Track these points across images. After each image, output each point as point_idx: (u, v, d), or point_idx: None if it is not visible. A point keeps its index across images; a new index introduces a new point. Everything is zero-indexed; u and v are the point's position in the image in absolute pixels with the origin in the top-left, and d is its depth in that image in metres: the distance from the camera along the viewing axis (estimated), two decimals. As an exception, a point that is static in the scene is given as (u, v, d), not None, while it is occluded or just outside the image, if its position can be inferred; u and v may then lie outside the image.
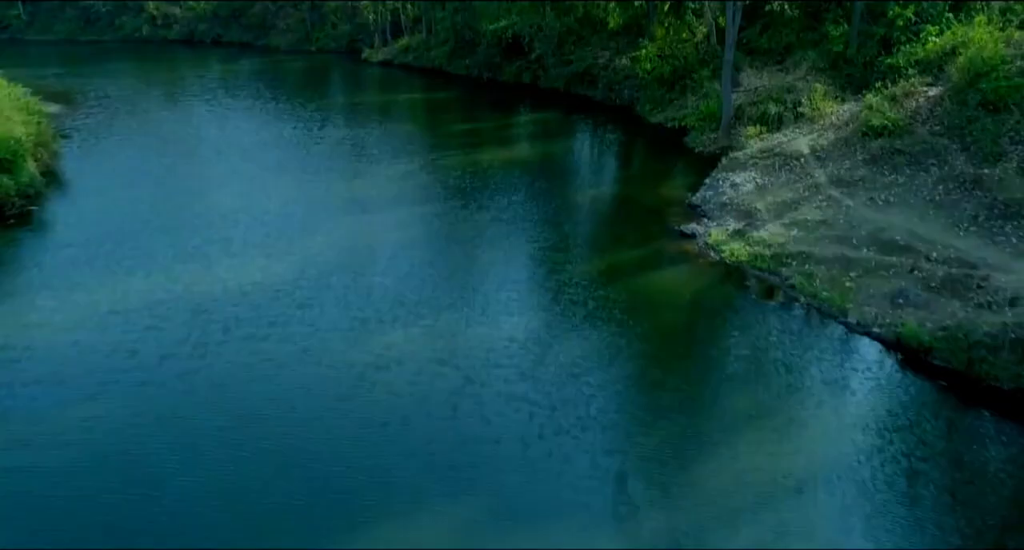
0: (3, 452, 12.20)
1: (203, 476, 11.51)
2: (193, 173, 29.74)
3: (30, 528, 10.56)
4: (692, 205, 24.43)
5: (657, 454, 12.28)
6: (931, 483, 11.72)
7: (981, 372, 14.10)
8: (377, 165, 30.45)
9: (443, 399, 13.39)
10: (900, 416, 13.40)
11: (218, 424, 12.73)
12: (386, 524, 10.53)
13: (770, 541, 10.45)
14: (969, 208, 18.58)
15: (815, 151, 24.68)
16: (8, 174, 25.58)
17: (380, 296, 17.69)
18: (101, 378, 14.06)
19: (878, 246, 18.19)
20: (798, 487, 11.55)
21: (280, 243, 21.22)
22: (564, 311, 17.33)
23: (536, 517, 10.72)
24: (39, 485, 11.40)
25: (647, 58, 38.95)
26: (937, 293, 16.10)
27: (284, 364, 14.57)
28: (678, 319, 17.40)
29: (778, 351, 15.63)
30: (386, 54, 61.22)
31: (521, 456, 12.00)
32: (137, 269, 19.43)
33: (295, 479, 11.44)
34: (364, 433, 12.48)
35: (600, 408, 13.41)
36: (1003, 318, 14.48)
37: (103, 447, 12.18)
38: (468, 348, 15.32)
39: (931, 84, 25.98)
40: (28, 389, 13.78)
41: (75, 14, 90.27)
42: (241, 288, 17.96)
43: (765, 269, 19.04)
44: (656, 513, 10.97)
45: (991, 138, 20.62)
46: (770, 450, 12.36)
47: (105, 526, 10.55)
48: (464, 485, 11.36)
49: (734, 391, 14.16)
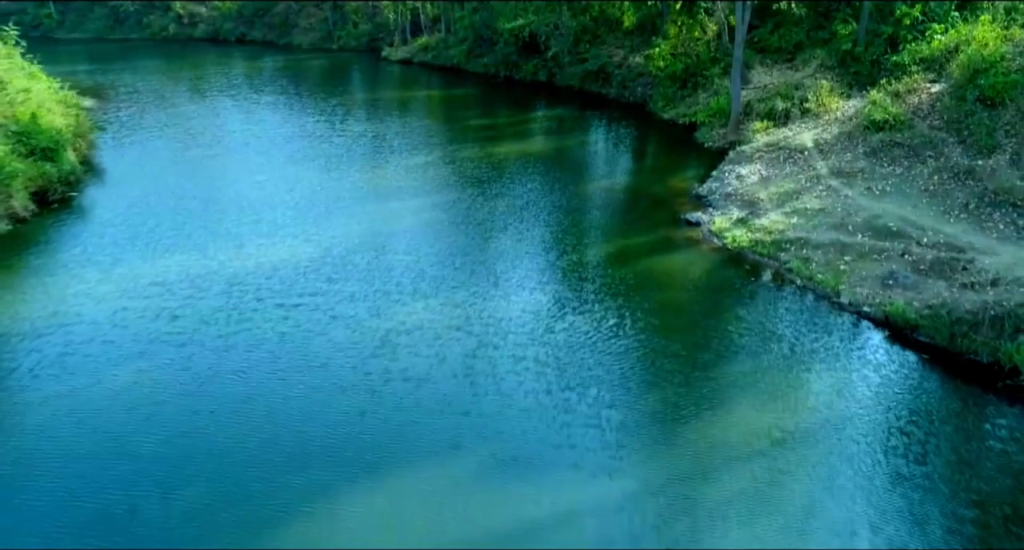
0: (67, 399, 13.61)
1: (240, 425, 12.78)
2: (222, 162, 31.20)
3: (92, 463, 11.87)
4: (699, 196, 25.43)
5: (657, 410, 13.39)
6: (908, 438, 12.68)
7: (962, 347, 15.04)
8: (397, 156, 31.74)
9: (459, 359, 14.65)
10: (883, 384, 14.37)
11: (254, 380, 14.05)
12: (406, 466, 11.75)
13: (759, 485, 11.48)
14: (961, 197, 19.46)
15: (818, 144, 25.59)
16: (51, 162, 27.15)
17: (401, 272, 18.98)
18: (146, 339, 15.47)
19: (872, 232, 19.12)
20: (787, 440, 12.56)
21: (307, 225, 22.57)
22: (574, 287, 18.52)
23: (540, 462, 11.87)
24: (98, 428, 12.76)
25: (660, 56, 39.92)
26: (925, 275, 17.03)
27: (314, 329, 15.91)
28: (680, 297, 18.45)
29: (773, 327, 16.64)
30: (405, 52, 62.67)
31: (529, 408, 13.20)
32: (174, 247, 20.85)
33: (324, 427, 12.71)
34: (387, 387, 13.76)
35: (605, 370, 14.58)
36: (984, 297, 15.40)
37: (150, 398, 13.52)
38: (483, 317, 16.55)
39: (934, 81, 26.80)
40: (83, 348, 15.21)
41: (104, 13, 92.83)
42: (272, 264, 19.33)
43: (765, 254, 20.04)
44: (654, 461, 12.07)
45: (987, 131, 21.45)
46: (762, 410, 13.40)
47: (152, 464, 11.83)
48: (476, 432, 12.58)
49: (730, 360, 15.20)
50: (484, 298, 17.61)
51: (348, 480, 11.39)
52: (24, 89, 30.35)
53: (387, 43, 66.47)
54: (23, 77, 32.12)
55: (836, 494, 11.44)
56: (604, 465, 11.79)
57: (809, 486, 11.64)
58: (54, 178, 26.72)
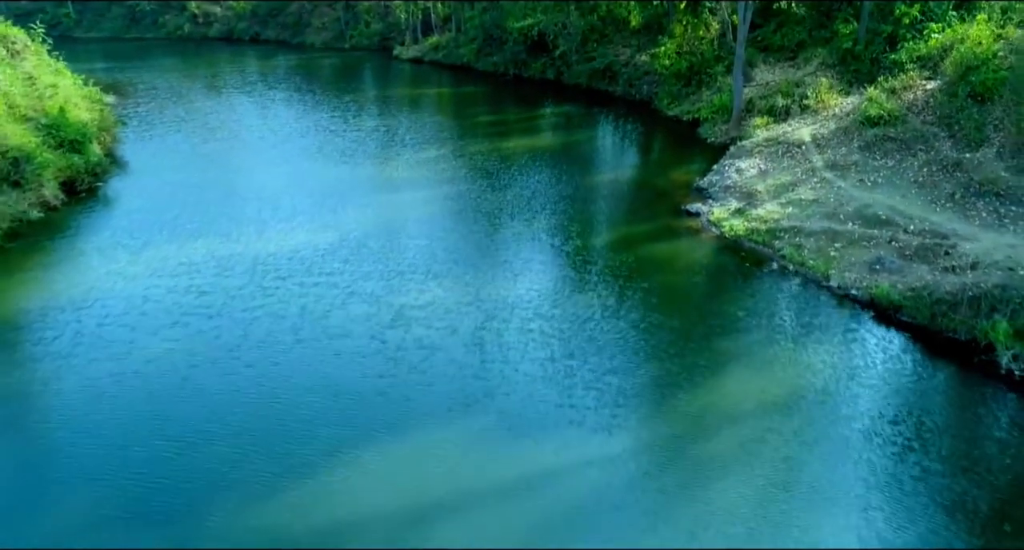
0: (108, 363, 14.80)
1: (268, 386, 13.91)
2: (239, 155, 32.37)
3: (135, 418, 12.98)
4: (699, 188, 26.37)
5: (654, 376, 14.43)
6: (886, 405, 13.60)
7: (942, 326, 15.94)
8: (409, 150, 32.83)
9: (469, 330, 15.79)
10: (866, 360, 15.30)
11: (279, 347, 15.26)
12: (421, 422, 12.84)
13: (746, 443, 12.43)
14: (948, 187, 20.34)
15: (816, 139, 26.48)
16: (78, 154, 28.40)
17: (414, 255, 20.10)
18: (178, 312, 16.69)
19: (862, 220, 20.03)
20: (774, 405, 13.51)
21: (323, 213, 23.71)
22: (578, 269, 19.60)
23: (545, 420, 12.94)
24: (138, 386, 13.95)
25: (665, 55, 40.83)
26: (910, 260, 17.93)
27: (333, 303, 17.07)
28: (678, 280, 19.42)
29: (765, 307, 17.60)
30: (417, 51, 63.83)
31: (534, 373, 14.31)
32: (198, 232, 22.01)
33: (346, 387, 13.84)
34: (403, 353, 14.91)
35: (606, 341, 15.64)
36: (964, 279, 16.29)
37: (185, 362, 14.73)
38: (492, 295, 17.67)
39: (929, 78, 27.60)
40: (119, 319, 16.41)
41: (121, 12, 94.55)
42: (291, 247, 20.48)
43: (760, 242, 20.98)
44: (650, 420, 13.08)
45: (976, 126, 22.30)
46: (752, 379, 14.38)
47: (189, 420, 12.93)
48: (485, 393, 13.70)
49: (724, 335, 16.17)
50: (493, 278, 18.73)
51: (369, 435, 12.50)
52: (52, 85, 31.66)
53: (398, 42, 67.64)
54: (50, 73, 33.41)
55: (817, 452, 12.39)
56: (603, 423, 12.83)
57: (793, 445, 12.59)
58: (81, 169, 27.96)
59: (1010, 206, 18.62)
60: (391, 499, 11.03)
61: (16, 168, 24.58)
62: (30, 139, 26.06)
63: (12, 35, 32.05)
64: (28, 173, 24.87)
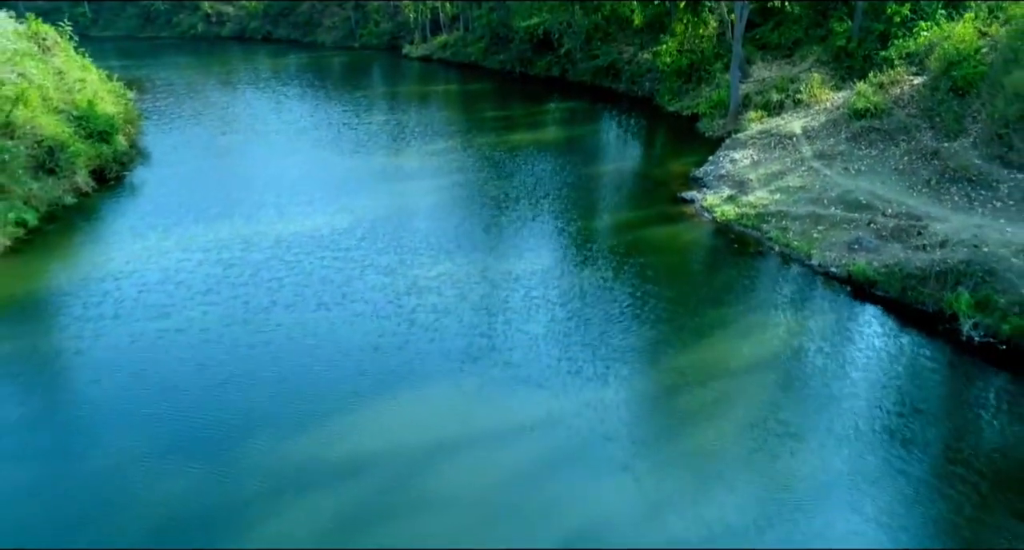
0: (149, 323, 16.41)
1: (295, 342, 15.50)
2: (256, 146, 33.90)
3: (178, 372, 14.47)
4: (695, 178, 27.73)
5: (645, 338, 15.91)
6: (857, 365, 14.96)
7: (911, 298, 17.28)
8: (418, 142, 34.31)
9: (478, 297, 17.42)
10: (841, 327, 16.66)
11: (304, 310, 16.91)
12: (434, 374, 14.39)
13: (727, 395, 13.80)
14: (925, 174, 21.64)
15: (806, 131, 27.81)
16: (106, 144, 30.00)
17: (424, 236, 21.61)
18: (210, 281, 18.35)
19: (844, 205, 21.36)
20: (755, 364, 14.90)
21: (339, 197, 25.28)
22: (579, 248, 21.11)
23: (544, 372, 14.45)
24: (178, 342, 15.55)
25: (667, 52, 42.15)
26: (886, 240, 19.26)
27: (352, 274, 18.71)
28: (671, 259, 20.80)
29: (750, 283, 18.98)
30: (425, 50, 65.32)
31: (536, 333, 15.91)
32: (222, 214, 23.57)
33: (365, 343, 15.43)
34: (417, 315, 16.56)
35: (602, 308, 17.17)
36: (933, 256, 17.62)
37: (219, 323, 16.38)
38: (499, 268, 19.29)
39: (916, 74, 28.87)
40: (156, 287, 18.04)
41: (136, 12, 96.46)
42: (310, 227, 22.07)
43: (749, 225, 22.34)
44: (640, 375, 14.51)
45: (955, 118, 23.57)
46: (736, 342, 15.78)
47: (225, 372, 14.41)
48: (491, 348, 15.36)
49: (711, 306, 17.57)
50: (500, 254, 20.32)
51: (388, 382, 14.07)
52: (80, 79, 33.29)
53: (407, 41, 69.13)
54: (77, 69, 35.03)
55: (793, 402, 13.77)
56: (599, 374, 14.36)
57: (771, 396, 13.97)
58: (110, 158, 29.55)
59: (980, 190, 19.91)
60: (407, 436, 12.49)
61: (51, 157, 26.15)
62: (63, 130, 27.66)
63: (43, 32, 33.65)
64: (62, 161, 26.44)
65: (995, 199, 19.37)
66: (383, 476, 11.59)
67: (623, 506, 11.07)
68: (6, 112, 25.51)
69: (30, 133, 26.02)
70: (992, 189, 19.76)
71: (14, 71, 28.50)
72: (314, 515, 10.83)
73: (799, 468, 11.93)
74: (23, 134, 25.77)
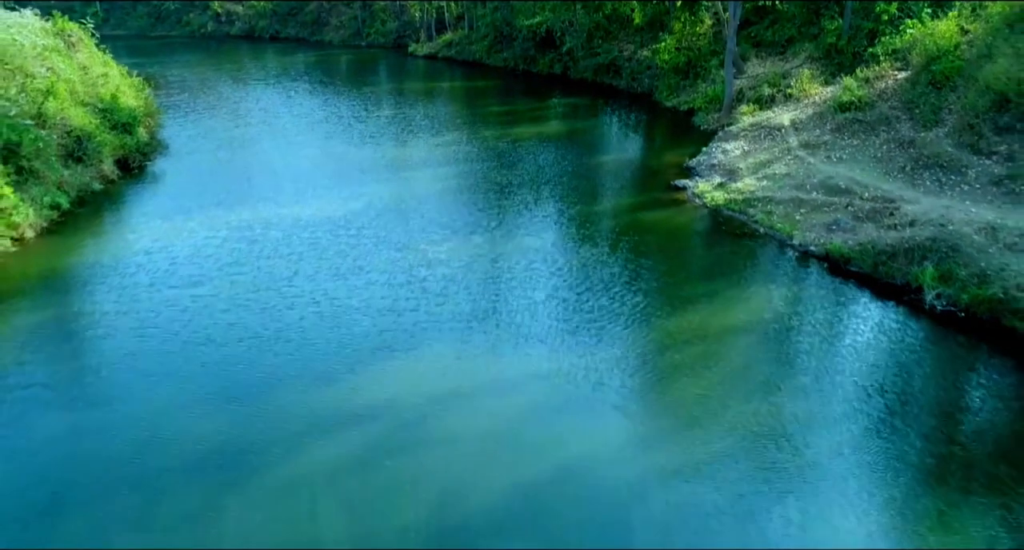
0: (181, 289, 18.01)
1: (316, 307, 17.05)
2: (270, 138, 35.44)
3: (209, 336, 15.94)
4: (688, 167, 29.18)
5: (634, 306, 17.36)
6: (831, 331, 16.41)
7: (882, 273, 18.71)
8: (425, 135, 35.83)
9: (483, 270, 19.10)
10: (816, 298, 18.11)
11: (323, 280, 18.51)
12: (443, 334, 15.96)
13: (709, 355, 15.24)
14: (901, 161, 23.05)
15: (794, 123, 29.24)
16: (129, 135, 31.58)
17: (432, 219, 23.14)
18: (236, 255, 19.98)
19: (825, 190, 22.79)
20: (737, 329, 16.34)
21: (352, 184, 26.87)
22: (577, 229, 22.67)
23: (541, 332, 16.01)
24: (208, 306, 17.09)
25: (666, 50, 43.64)
26: (862, 221, 20.69)
27: (366, 250, 20.36)
28: (662, 239, 22.25)
29: (735, 260, 20.43)
30: (431, 48, 66.86)
31: (535, 300, 17.55)
32: (243, 199, 25.13)
33: (381, 309, 17.03)
34: (427, 284, 18.23)
35: (597, 280, 18.69)
36: (903, 234, 19.05)
37: (247, 290, 17.97)
38: (502, 245, 20.92)
39: (900, 69, 30.29)
40: (185, 261, 19.62)
41: (146, 11, 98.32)
42: (326, 210, 23.65)
43: (736, 209, 23.78)
44: (628, 337, 15.95)
45: (932, 109, 24.98)
46: (718, 310, 17.24)
47: (252, 335, 15.90)
48: (494, 312, 16.93)
49: (698, 280, 19.07)
50: (504, 234, 21.96)
51: (401, 340, 15.64)
52: (103, 74, 34.88)
53: (413, 40, 70.68)
54: (100, 64, 36.61)
55: (767, 358, 15.20)
56: (592, 335, 15.87)
57: (748, 354, 15.43)
58: (132, 148, 31.10)
59: (950, 175, 21.32)
60: (420, 384, 13.99)
61: (80, 146, 27.72)
62: (90, 121, 29.22)
63: (68, 29, 35.24)
64: (90, 150, 28.00)
65: (963, 183, 20.79)
66: (399, 418, 13.08)
67: (612, 439, 12.55)
68: (38, 104, 27.06)
69: (60, 123, 27.57)
70: (961, 174, 21.17)
71: (43, 65, 30.07)
72: (336, 450, 12.31)
73: (768, 409, 13.38)
74: (53, 124, 27.31)
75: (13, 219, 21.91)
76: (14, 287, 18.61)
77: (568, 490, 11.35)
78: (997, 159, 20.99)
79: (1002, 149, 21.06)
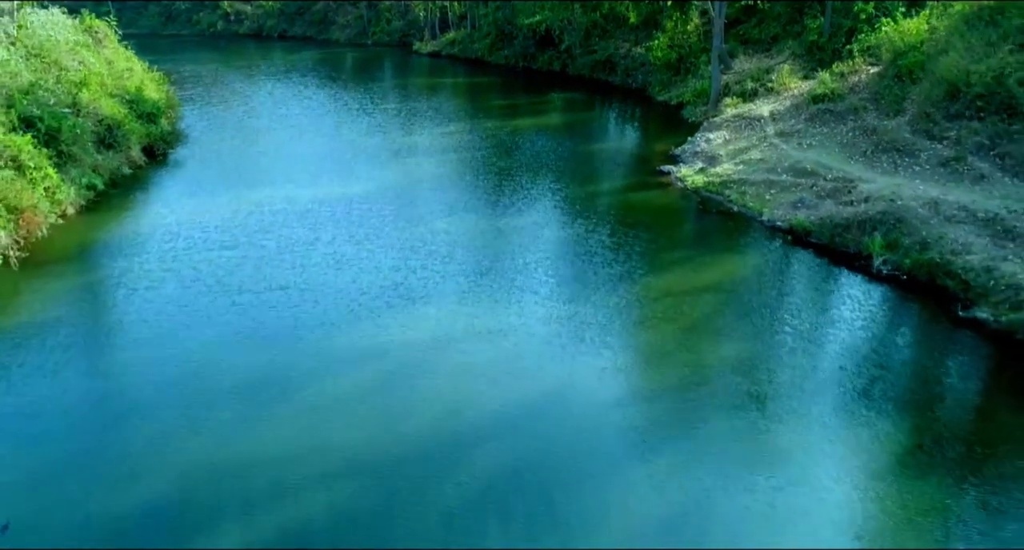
0: (221, 251, 20.38)
1: (333, 271, 19.33)
2: (282, 129, 37.73)
3: (237, 296, 18.18)
4: (673, 155, 31.40)
5: (616, 268, 19.66)
6: (793, 290, 18.66)
7: (838, 243, 20.89)
8: (429, 126, 38.13)
9: (484, 238, 21.71)
10: (779, 264, 20.34)
11: (344, 244, 20.98)
12: (447, 286, 18.35)
13: (681, 310, 17.42)
14: (863, 146, 25.24)
15: (772, 114, 31.45)
16: (153, 125, 33.88)
17: (438, 197, 25.69)
18: (263, 225, 22.61)
19: (793, 172, 24.99)
20: (710, 288, 18.54)
21: (362, 169, 29.25)
22: (568, 207, 25.07)
23: (534, 286, 18.38)
24: (235, 270, 19.38)
25: (659, 48, 45.89)
26: (823, 199, 22.88)
27: (378, 222, 22.83)
28: (644, 216, 24.47)
29: (709, 233, 22.75)
30: (434, 46, 69.18)
31: (528, 261, 20.04)
32: (260, 182, 27.48)
33: (394, 267, 19.50)
34: (434, 248, 20.80)
35: (586, 247, 21.09)
36: (857, 210, 21.24)
37: (271, 256, 20.29)
38: (501, 220, 23.48)
39: (872, 64, 32.46)
40: (218, 230, 22.07)
41: (157, 11, 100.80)
42: (340, 190, 26.15)
43: (714, 191, 26.00)
44: (609, 295, 18.16)
45: (895, 100, 27.17)
46: (691, 273, 19.52)
47: (275, 293, 18.17)
48: (493, 270, 19.42)
49: (673, 249, 21.42)
50: (503, 209, 24.63)
51: (410, 295, 18.02)
52: (128, 68, 37.24)
53: (417, 38, 73.01)
54: (123, 60, 38.96)
55: (732, 313, 17.36)
56: (581, 289, 18.31)
57: (714, 308, 17.63)
58: (157, 137, 33.40)
59: (905, 158, 23.51)
60: (427, 327, 16.32)
61: (110, 133, 30.01)
62: (119, 111, 31.52)
63: (96, 26, 37.60)
64: (119, 137, 30.30)
65: (915, 164, 22.99)
66: (409, 353, 15.32)
67: (591, 369, 14.79)
68: (73, 94, 29.35)
69: (92, 112, 29.85)
70: (914, 157, 23.36)
71: (75, 59, 32.42)
72: (354, 378, 14.56)
73: (723, 350, 15.63)
74: (87, 113, 29.59)
75: (57, 197, 24.22)
76: (65, 254, 20.97)
77: (551, 406, 13.61)
78: (947, 143, 23.18)
79: (951, 134, 23.25)
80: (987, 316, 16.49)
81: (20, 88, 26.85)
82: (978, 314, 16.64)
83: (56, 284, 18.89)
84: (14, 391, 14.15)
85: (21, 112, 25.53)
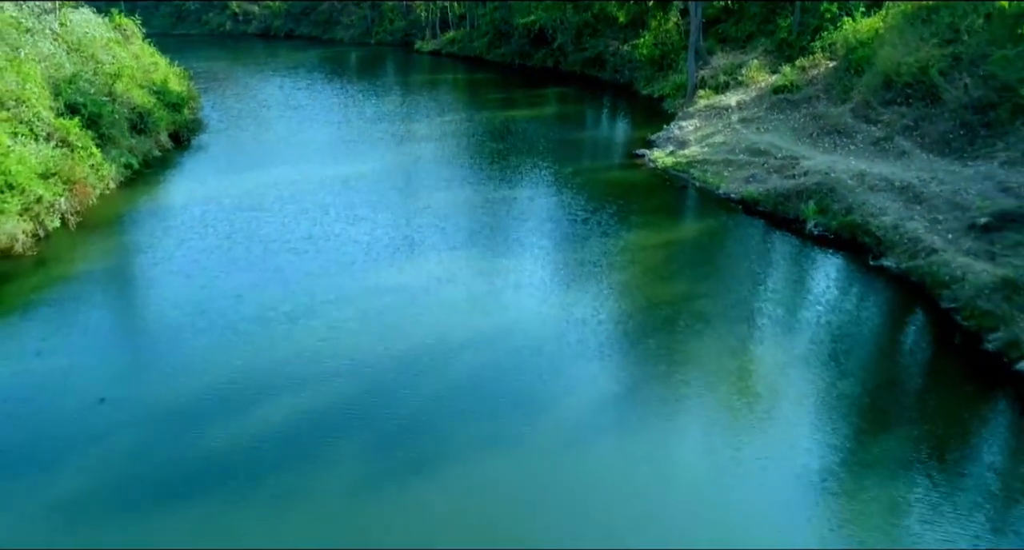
0: (248, 213, 23.77)
1: (346, 244, 22.39)
2: (293, 119, 41.11)
3: (253, 265, 21.50)
4: (650, 141, 34.71)
5: (588, 231, 23.07)
6: (743, 249, 21.98)
7: (780, 211, 24.17)
8: (431, 116, 41.51)
9: (477, 207, 25.19)
10: (729, 229, 23.65)
11: (359, 212, 24.46)
12: (446, 244, 21.70)
13: (656, 277, 20.71)
14: (811, 130, 28.54)
15: (738, 104, 34.75)
16: (178, 114, 37.28)
17: (437, 175, 29.14)
18: (283, 195, 26.17)
19: (749, 153, 28.30)
20: (673, 255, 21.72)
21: (369, 153, 32.69)
22: (551, 183, 28.50)
23: (522, 250, 21.63)
24: (255, 241, 22.60)
25: (644, 45, 49.26)
26: (771, 174, 26.19)
27: (383, 195, 26.41)
28: (616, 191, 27.77)
29: (672, 205, 26.09)
30: (435, 45, 72.53)
31: (519, 236, 23.14)
32: (277, 163, 30.88)
33: (395, 226, 23.03)
34: (433, 211, 24.38)
35: (564, 214, 24.61)
36: (798, 182, 24.56)
37: (287, 229, 23.43)
38: (492, 195, 26.91)
39: (831, 59, 35.76)
40: (246, 199, 25.60)
41: (168, 11, 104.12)
42: (349, 170, 29.51)
43: (680, 170, 29.32)
44: (582, 249, 21.48)
45: (844, 90, 30.47)
46: (651, 236, 22.80)
47: (290, 262, 21.49)
48: (486, 230, 22.93)
49: (638, 217, 24.67)
50: (495, 184, 28.17)
51: (409, 246, 21.49)
52: (153, 63, 40.64)
53: (419, 37, 76.34)
54: (148, 55, 42.37)
55: (684, 265, 20.71)
56: (552, 244, 21.87)
57: (669, 261, 20.94)
58: (182, 124, 36.80)
59: (843, 139, 26.82)
60: (423, 272, 19.67)
61: (142, 120, 33.40)
62: (148, 100, 34.92)
63: (124, 24, 41.01)
64: (149, 124, 33.69)
65: (851, 144, 26.30)
66: (406, 292, 18.61)
67: (559, 299, 18.20)
68: (109, 84, 32.73)
69: (126, 101, 33.24)
70: (852, 138, 26.68)
71: (109, 54, 35.81)
72: (362, 307, 17.87)
73: (670, 295, 18.95)
74: (121, 102, 32.98)
75: (101, 172, 27.60)
76: (117, 218, 24.49)
77: (527, 324, 16.97)
78: (880, 126, 26.48)
79: (884, 118, 26.54)
80: (891, 264, 19.80)
81: (64, 78, 30.24)
82: (884, 263, 19.94)
83: (113, 240, 22.56)
84: (97, 314, 17.65)
85: (67, 99, 28.92)
